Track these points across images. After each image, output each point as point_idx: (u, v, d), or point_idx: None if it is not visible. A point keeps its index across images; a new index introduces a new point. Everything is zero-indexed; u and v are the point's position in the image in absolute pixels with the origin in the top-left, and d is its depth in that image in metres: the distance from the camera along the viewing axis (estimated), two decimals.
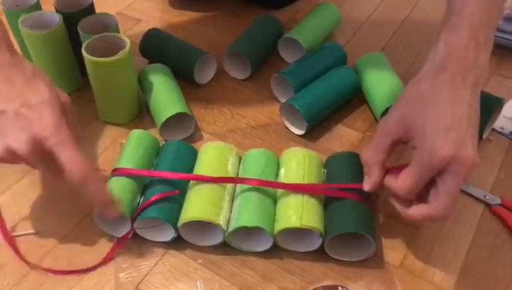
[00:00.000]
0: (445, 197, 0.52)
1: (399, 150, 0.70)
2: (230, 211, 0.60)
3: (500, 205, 0.64)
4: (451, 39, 0.55)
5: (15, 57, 0.54)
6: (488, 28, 0.55)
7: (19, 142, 0.50)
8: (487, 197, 0.65)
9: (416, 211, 0.54)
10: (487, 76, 0.56)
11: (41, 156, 0.52)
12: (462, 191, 0.66)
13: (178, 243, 0.59)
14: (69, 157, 0.51)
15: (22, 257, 0.58)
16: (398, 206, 0.56)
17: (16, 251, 0.59)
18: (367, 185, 0.58)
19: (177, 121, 0.71)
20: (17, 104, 0.51)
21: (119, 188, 0.59)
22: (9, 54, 0.53)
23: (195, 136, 0.74)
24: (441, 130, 0.51)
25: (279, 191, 0.61)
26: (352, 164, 0.63)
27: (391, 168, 0.57)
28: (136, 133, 0.67)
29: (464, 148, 0.50)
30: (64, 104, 0.55)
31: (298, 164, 0.63)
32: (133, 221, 0.58)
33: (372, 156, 0.56)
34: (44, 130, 0.51)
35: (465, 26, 0.54)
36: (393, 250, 0.60)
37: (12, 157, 0.52)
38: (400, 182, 0.54)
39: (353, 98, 0.78)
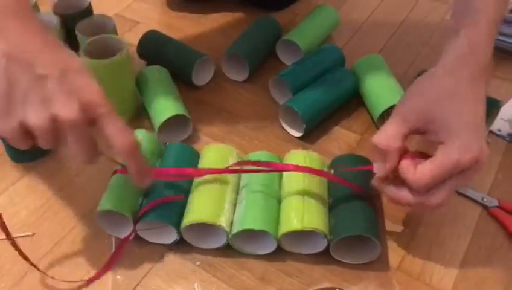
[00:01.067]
0: (447, 191, 0.52)
1: None
2: (233, 213, 0.60)
3: (497, 207, 0.64)
4: (472, 32, 0.54)
5: (42, 25, 0.49)
6: (496, 27, 0.55)
7: (68, 109, 0.44)
8: (485, 200, 0.65)
9: (411, 197, 0.53)
10: None
11: (84, 128, 0.46)
12: (460, 194, 0.66)
13: (176, 245, 0.59)
14: (117, 128, 0.47)
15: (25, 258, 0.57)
16: (389, 188, 0.55)
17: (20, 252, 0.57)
18: (381, 170, 0.54)
19: (174, 123, 0.71)
20: (61, 68, 0.45)
21: (121, 188, 0.59)
22: (37, 21, 0.48)
23: (193, 138, 0.74)
24: (469, 129, 0.51)
25: (283, 192, 0.61)
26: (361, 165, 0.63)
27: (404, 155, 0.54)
28: (140, 134, 0.66)
29: (484, 149, 0.51)
30: None
31: (299, 164, 0.62)
32: (135, 222, 0.58)
33: (390, 141, 0.53)
34: (95, 95, 0.46)
35: (484, 21, 0.54)
36: (391, 252, 0.60)
37: (50, 130, 0.45)
38: (419, 175, 0.51)
39: (351, 100, 0.78)
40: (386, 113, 0.72)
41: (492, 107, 0.70)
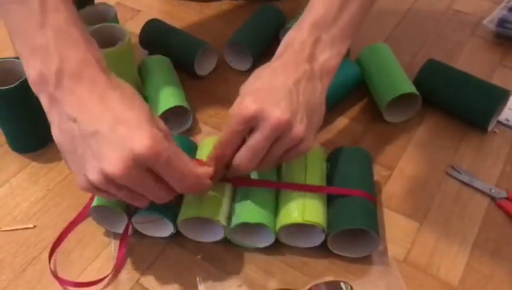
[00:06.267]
0: (246, 149, 0.52)
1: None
2: (231, 207, 0.59)
3: (505, 198, 0.63)
4: (292, 34, 0.57)
5: (112, 80, 0.49)
6: (335, 30, 0.56)
7: (113, 162, 0.44)
8: (493, 191, 0.64)
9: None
10: (332, 77, 0.57)
11: (136, 179, 0.46)
12: (468, 185, 0.65)
13: (178, 237, 0.59)
14: (176, 176, 0.48)
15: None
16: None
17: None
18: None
19: (175, 113, 0.70)
20: (111, 122, 0.46)
21: None
22: (105, 76, 0.48)
23: (194, 129, 0.73)
24: (253, 90, 0.53)
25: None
26: (358, 160, 0.62)
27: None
28: None
29: (274, 106, 0.51)
30: (164, 133, 0.49)
31: (299, 157, 0.61)
32: (130, 216, 0.57)
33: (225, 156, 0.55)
34: (142, 147, 0.44)
35: (306, 23, 0.56)
36: (397, 244, 0.59)
37: (107, 184, 0.46)
38: (218, 140, 0.54)
39: (356, 91, 0.77)
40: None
41: (501, 97, 0.69)
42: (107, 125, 0.45)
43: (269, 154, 0.53)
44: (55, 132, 0.48)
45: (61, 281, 0.56)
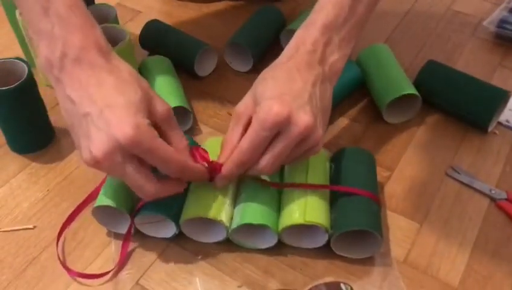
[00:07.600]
0: (272, 155, 0.53)
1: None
2: (233, 208, 0.59)
3: (505, 199, 0.63)
4: (302, 34, 0.57)
5: (110, 63, 0.51)
6: (344, 32, 0.57)
7: (96, 146, 0.47)
8: (493, 192, 0.64)
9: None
10: (338, 78, 0.58)
11: (117, 164, 0.48)
12: (468, 186, 0.65)
13: (179, 238, 0.59)
14: (160, 163, 0.50)
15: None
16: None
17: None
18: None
19: (175, 114, 0.69)
20: (101, 105, 0.48)
21: (118, 182, 0.58)
22: (104, 60, 0.50)
23: (194, 129, 0.73)
24: (278, 93, 0.53)
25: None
26: (362, 161, 0.62)
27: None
28: None
29: (301, 111, 0.51)
30: (161, 115, 0.52)
31: None
32: (133, 216, 0.57)
33: (231, 141, 0.55)
34: (123, 135, 0.47)
35: (318, 24, 0.56)
36: (397, 245, 0.59)
37: (94, 164, 0.49)
38: (240, 145, 0.53)
39: (356, 91, 0.77)
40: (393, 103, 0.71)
41: (501, 97, 0.69)
42: (96, 109, 0.48)
43: (288, 157, 0.54)
44: (61, 109, 0.52)
45: (70, 271, 0.56)
